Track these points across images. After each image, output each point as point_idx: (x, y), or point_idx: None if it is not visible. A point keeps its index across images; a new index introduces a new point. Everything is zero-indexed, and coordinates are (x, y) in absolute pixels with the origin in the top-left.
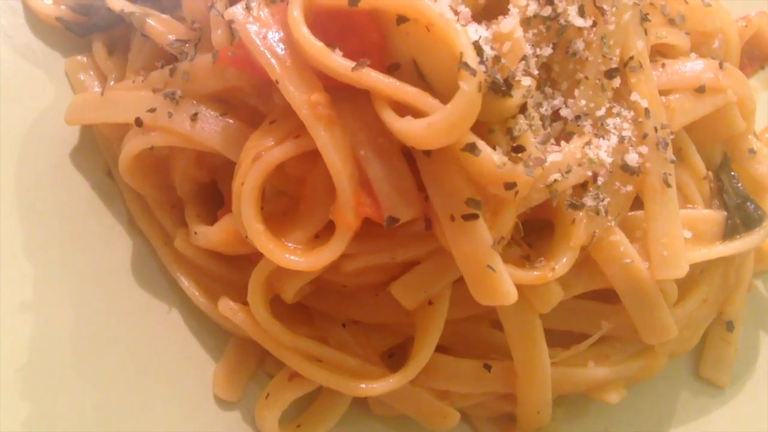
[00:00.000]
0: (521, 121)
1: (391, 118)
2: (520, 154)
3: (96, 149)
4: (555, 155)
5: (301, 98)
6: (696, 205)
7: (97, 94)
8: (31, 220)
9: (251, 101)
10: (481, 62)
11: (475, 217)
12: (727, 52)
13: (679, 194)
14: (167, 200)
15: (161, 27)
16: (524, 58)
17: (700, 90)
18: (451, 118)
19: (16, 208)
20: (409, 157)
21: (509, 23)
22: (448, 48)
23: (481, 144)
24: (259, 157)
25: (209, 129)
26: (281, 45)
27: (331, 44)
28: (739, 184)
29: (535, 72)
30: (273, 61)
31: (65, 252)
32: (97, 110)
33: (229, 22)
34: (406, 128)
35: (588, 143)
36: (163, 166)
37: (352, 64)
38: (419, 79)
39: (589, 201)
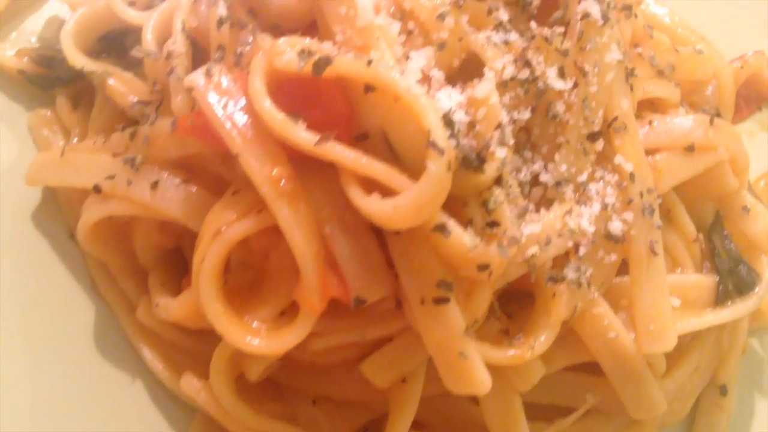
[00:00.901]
0: (497, 192)
1: (357, 197)
2: (495, 230)
3: (59, 210)
4: (533, 226)
5: (262, 173)
6: (686, 269)
7: (57, 155)
8: None
9: (214, 168)
10: (452, 135)
11: (446, 300)
12: (721, 99)
13: (668, 257)
14: (131, 267)
15: (122, 88)
16: (500, 125)
17: (690, 149)
18: (418, 199)
19: None
20: (378, 232)
21: (484, 88)
22: (416, 122)
23: (452, 224)
24: (220, 233)
25: (170, 198)
26: (243, 115)
27: (295, 113)
28: (732, 245)
29: (511, 141)
30: (233, 132)
31: (25, 318)
32: (57, 173)
33: (189, 89)
34: (373, 208)
35: (569, 212)
36: (125, 232)
37: (316, 137)
38: (388, 150)
39: (570, 273)
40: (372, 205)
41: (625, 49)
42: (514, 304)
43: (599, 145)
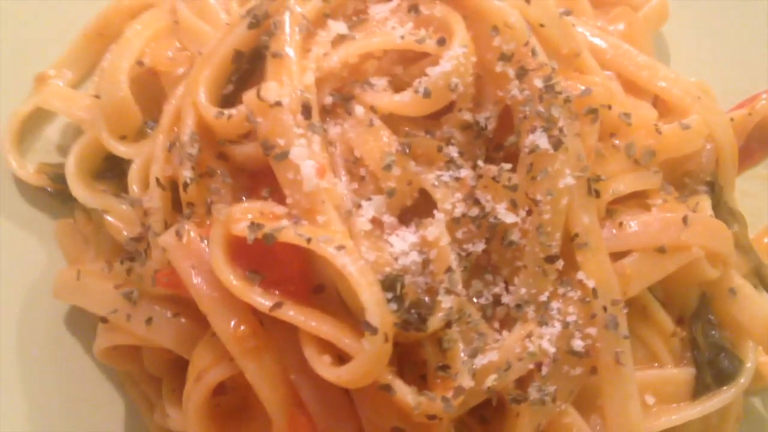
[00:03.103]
0: (450, 332)
1: (311, 358)
2: (447, 372)
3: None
4: (492, 354)
5: (228, 332)
6: (664, 363)
7: (74, 277)
8: (32, 391)
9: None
10: (395, 297)
11: None
12: (719, 164)
13: (645, 352)
14: (147, 374)
15: (118, 224)
16: (449, 269)
17: (661, 250)
18: (358, 371)
19: (16, 376)
20: None
21: (433, 232)
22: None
23: (397, 384)
24: (200, 378)
25: (163, 331)
26: (209, 276)
27: (256, 269)
28: (714, 332)
29: (459, 287)
30: (201, 292)
31: (62, 413)
32: (74, 295)
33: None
34: (322, 372)
35: (529, 335)
36: (136, 349)
37: (271, 303)
38: (342, 303)
39: (533, 393)
40: (322, 370)
41: (589, 160)
42: (489, 407)
43: (559, 264)
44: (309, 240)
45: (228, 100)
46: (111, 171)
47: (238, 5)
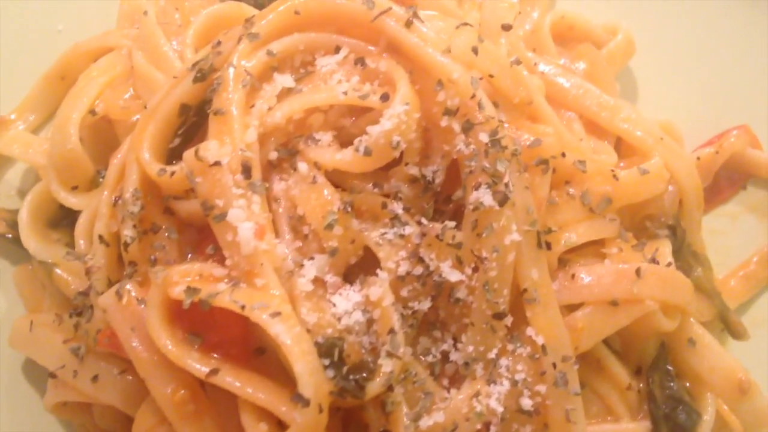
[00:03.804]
0: (393, 394)
1: (248, 425)
2: None
3: None
4: (438, 415)
5: (165, 397)
6: (619, 417)
7: (28, 327)
8: None
9: None
10: (332, 363)
11: None
12: (683, 206)
13: (600, 405)
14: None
15: (67, 277)
16: (392, 330)
17: (614, 303)
18: None
19: None
20: None
21: (376, 291)
22: None
23: None
24: None
25: (109, 388)
26: (147, 340)
27: (196, 332)
28: (672, 383)
29: (401, 350)
30: (140, 356)
31: None
32: (27, 346)
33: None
34: None
35: (476, 394)
36: (86, 404)
37: (207, 369)
38: (283, 366)
39: None
40: None
41: (539, 212)
42: None
43: (508, 320)
44: (243, 307)
45: (175, 153)
46: (66, 218)
47: (192, 52)
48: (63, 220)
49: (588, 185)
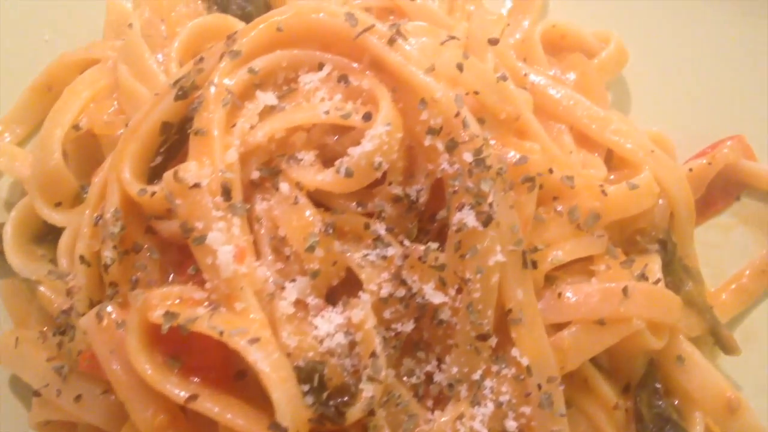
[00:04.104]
0: (375, 419)
1: None
2: None
3: None
4: None
5: (145, 421)
6: None
7: (13, 344)
8: None
9: None
10: (312, 389)
11: None
12: (674, 221)
13: (587, 425)
14: None
15: (50, 295)
16: (374, 354)
17: (600, 322)
18: None
19: None
20: None
21: (358, 314)
22: None
23: None
24: None
25: (92, 408)
26: (127, 363)
27: (175, 355)
28: (661, 402)
29: (382, 374)
30: (119, 379)
31: None
32: (12, 362)
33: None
34: None
35: (460, 416)
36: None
37: (187, 393)
38: (263, 390)
39: None
40: None
41: (525, 231)
42: None
43: (492, 341)
44: (221, 333)
45: (157, 172)
46: (52, 234)
47: (177, 66)
48: (48, 235)
49: (576, 201)
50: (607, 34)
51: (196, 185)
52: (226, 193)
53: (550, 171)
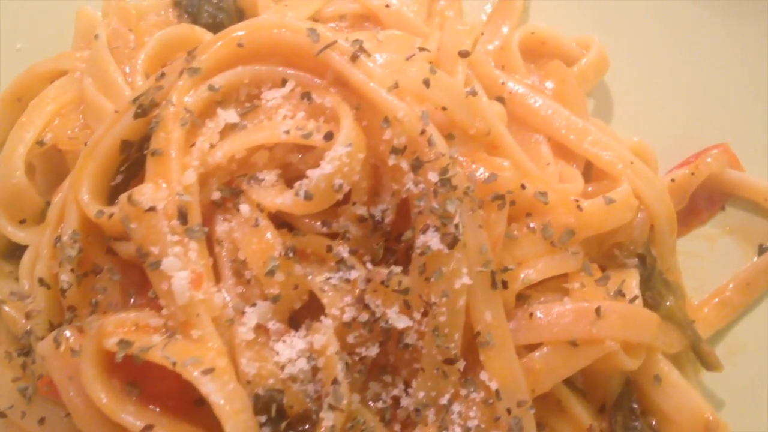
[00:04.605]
0: None
1: None
2: None
3: None
4: None
5: None
6: None
7: None
8: None
9: None
10: (270, 419)
11: None
12: (656, 228)
13: None
14: None
15: (15, 314)
16: (336, 381)
17: (573, 344)
18: None
19: None
20: None
21: (320, 340)
22: None
23: None
24: None
25: (56, 430)
26: (84, 391)
27: (134, 382)
28: (637, 423)
29: (344, 402)
30: (76, 407)
31: None
32: None
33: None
34: None
35: None
36: None
37: (143, 423)
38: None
39: None
40: None
41: (495, 250)
42: None
43: (460, 365)
44: (175, 363)
45: (118, 191)
46: (20, 250)
47: (143, 79)
48: (17, 251)
49: (550, 217)
50: (588, 41)
51: (152, 209)
52: (183, 216)
53: (523, 187)
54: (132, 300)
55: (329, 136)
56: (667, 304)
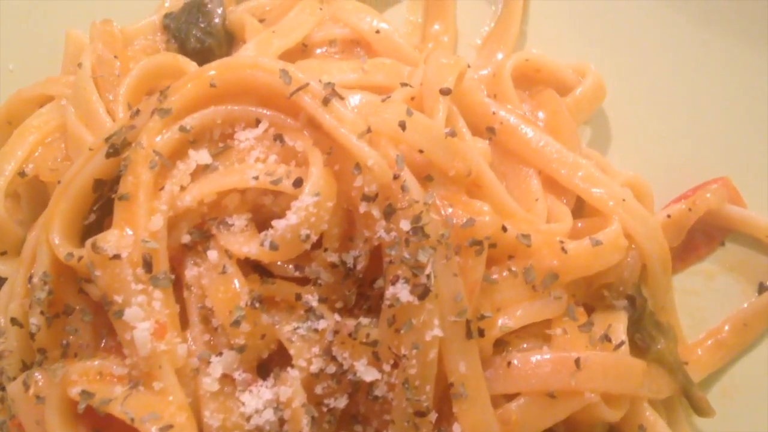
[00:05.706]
0: None
1: None
2: None
3: None
4: None
5: None
6: None
7: None
8: None
9: None
10: None
11: None
12: (649, 268)
13: None
14: None
15: None
16: None
17: (551, 395)
18: None
19: None
20: None
21: (286, 392)
22: None
23: None
24: None
25: None
26: None
27: (99, 430)
28: None
29: None
30: None
31: None
32: None
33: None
34: None
35: None
36: None
37: None
38: None
39: None
40: None
41: (471, 298)
42: None
43: (432, 417)
44: (133, 419)
45: (91, 230)
46: (2, 280)
47: (125, 109)
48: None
49: (532, 260)
50: (584, 68)
51: (116, 256)
52: (147, 264)
53: (504, 229)
54: (104, 342)
55: (298, 183)
56: (658, 347)
